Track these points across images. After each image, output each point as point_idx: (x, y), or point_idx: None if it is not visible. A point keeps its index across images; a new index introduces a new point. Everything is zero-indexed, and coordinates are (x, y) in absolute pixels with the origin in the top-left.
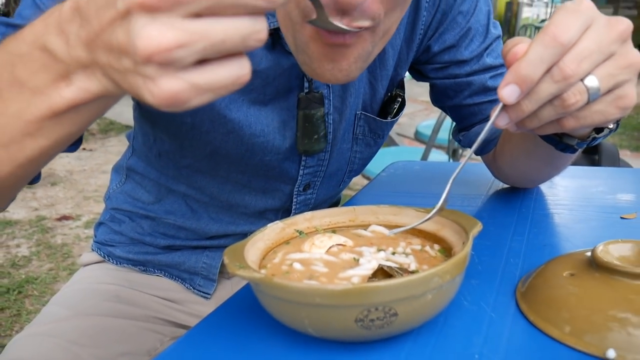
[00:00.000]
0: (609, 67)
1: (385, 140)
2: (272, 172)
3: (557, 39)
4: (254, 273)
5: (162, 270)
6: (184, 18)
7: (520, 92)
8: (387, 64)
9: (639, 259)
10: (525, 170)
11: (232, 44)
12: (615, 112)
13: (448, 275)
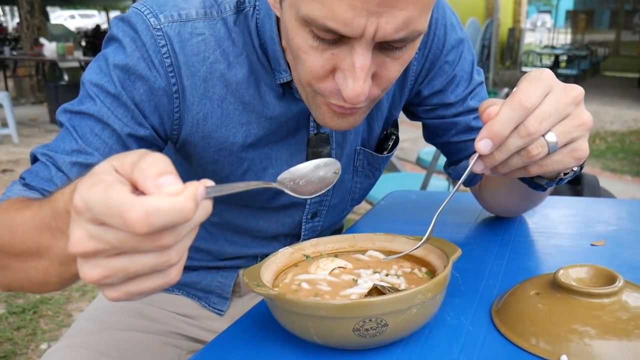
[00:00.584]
0: (565, 125)
1: (382, 171)
2: (283, 201)
3: (523, 103)
4: (269, 290)
5: (180, 289)
6: (105, 258)
7: (493, 145)
8: (382, 107)
9: (594, 281)
10: (505, 203)
11: (145, 271)
12: (572, 161)
13: (430, 293)
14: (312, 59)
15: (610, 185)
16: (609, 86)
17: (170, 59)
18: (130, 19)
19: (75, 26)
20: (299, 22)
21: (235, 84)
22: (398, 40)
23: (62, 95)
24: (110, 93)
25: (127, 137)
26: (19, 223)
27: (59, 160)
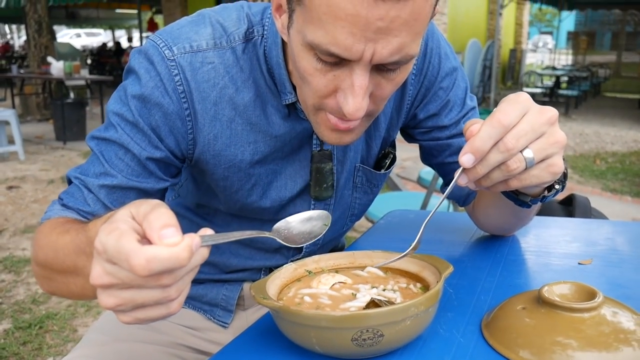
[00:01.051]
0: (541, 143)
1: (381, 188)
2: (290, 213)
3: (501, 121)
4: (275, 303)
5: (187, 303)
6: (118, 290)
7: (475, 159)
8: (380, 127)
9: (576, 297)
10: (496, 221)
11: (150, 303)
12: (548, 176)
13: (423, 306)
14: (317, 80)
15: (610, 206)
16: (609, 107)
17: (183, 86)
18: (147, 51)
19: (81, 44)
20: (304, 47)
21: (243, 106)
22: (392, 63)
23: (68, 112)
24: (129, 121)
25: (146, 160)
26: (60, 246)
27: (89, 183)
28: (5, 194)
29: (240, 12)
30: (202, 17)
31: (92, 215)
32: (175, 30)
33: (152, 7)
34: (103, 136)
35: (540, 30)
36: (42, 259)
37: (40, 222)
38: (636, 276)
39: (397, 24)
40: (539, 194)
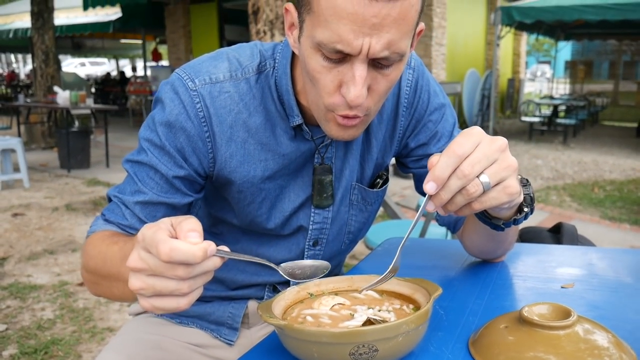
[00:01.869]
0: (494, 168)
1: (376, 211)
2: (292, 226)
3: (455, 151)
4: (280, 321)
5: (194, 322)
6: (144, 276)
7: (437, 186)
8: (372, 151)
9: (553, 316)
10: (478, 245)
11: (165, 293)
12: (505, 197)
13: (413, 324)
14: (324, 77)
15: (609, 234)
16: (607, 135)
17: (203, 112)
18: (173, 83)
19: (85, 73)
20: (313, 48)
21: (255, 129)
22: (384, 58)
23: (73, 141)
24: (158, 145)
25: (172, 179)
26: (109, 256)
27: (125, 200)
28: (11, 221)
29: (253, 49)
30: (220, 54)
31: (130, 227)
32: (197, 65)
33: (156, 37)
34: (136, 159)
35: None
36: (92, 267)
37: (87, 235)
38: (613, 299)
39: (388, 21)
40: (509, 218)
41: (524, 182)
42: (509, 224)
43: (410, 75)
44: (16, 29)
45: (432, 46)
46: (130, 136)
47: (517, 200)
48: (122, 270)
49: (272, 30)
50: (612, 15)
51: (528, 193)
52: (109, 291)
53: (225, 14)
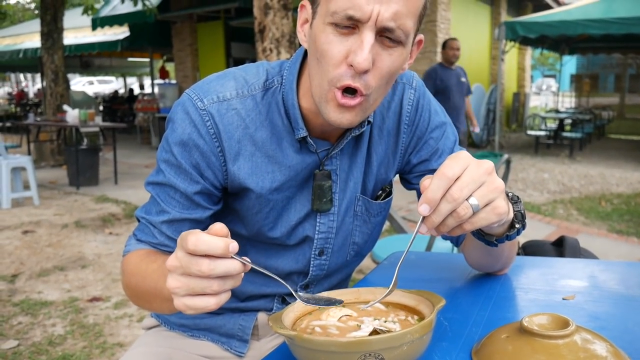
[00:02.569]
0: (482, 190)
1: (379, 220)
2: (298, 236)
3: (445, 174)
4: (290, 332)
5: (205, 335)
6: (179, 274)
7: (430, 208)
8: (372, 166)
9: (552, 326)
10: (477, 259)
11: (197, 291)
12: (494, 217)
13: (417, 333)
14: (333, 48)
15: (616, 247)
16: (614, 149)
17: (214, 129)
18: (184, 104)
19: (93, 91)
20: (325, 24)
21: (261, 143)
22: (390, 30)
23: (82, 158)
24: (174, 165)
25: (192, 194)
26: (148, 273)
27: (152, 220)
28: (21, 238)
29: (259, 67)
30: (227, 73)
31: (161, 245)
32: (206, 85)
33: (163, 55)
34: (156, 181)
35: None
36: (133, 284)
37: (123, 254)
38: (613, 310)
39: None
40: (502, 234)
41: (515, 200)
42: (502, 240)
43: (412, 94)
44: (26, 49)
45: (436, 61)
46: (138, 153)
47: (506, 219)
48: (159, 285)
49: (279, 48)
50: (616, 29)
51: (519, 210)
52: (149, 305)
53: (231, 32)
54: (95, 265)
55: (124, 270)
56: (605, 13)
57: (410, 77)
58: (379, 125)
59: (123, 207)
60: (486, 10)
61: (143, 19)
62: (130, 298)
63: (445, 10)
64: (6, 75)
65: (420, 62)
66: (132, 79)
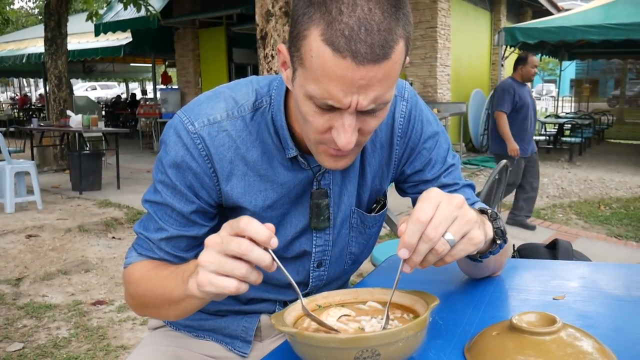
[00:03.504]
0: (456, 225)
1: (374, 231)
2: (295, 250)
3: (419, 219)
4: (292, 329)
5: (210, 336)
6: (216, 252)
7: (409, 252)
8: (367, 178)
9: (541, 324)
10: (465, 269)
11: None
12: (471, 247)
13: (412, 330)
14: (316, 121)
15: (616, 251)
16: (613, 153)
17: (205, 150)
18: (176, 127)
19: (95, 96)
20: (305, 97)
21: (253, 162)
22: (371, 110)
23: (85, 163)
24: (169, 186)
25: (188, 214)
26: (159, 279)
27: (150, 237)
28: (25, 242)
29: (249, 86)
30: (217, 94)
31: (162, 259)
32: (197, 107)
33: (165, 60)
34: (153, 199)
35: (543, 79)
36: (140, 293)
37: (125, 265)
38: (601, 309)
39: (374, 82)
40: (485, 251)
41: (494, 217)
42: (486, 256)
43: (403, 107)
44: (29, 54)
45: (437, 67)
46: (140, 158)
47: (484, 246)
48: (168, 290)
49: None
50: (615, 35)
51: (498, 227)
52: (156, 312)
53: (233, 38)
54: (98, 269)
55: (129, 281)
56: (604, 19)
57: (401, 88)
58: (371, 138)
59: (125, 211)
60: (486, 17)
61: (146, 24)
62: (135, 307)
63: (446, 16)
64: (9, 80)
65: (420, 68)
66: (134, 84)
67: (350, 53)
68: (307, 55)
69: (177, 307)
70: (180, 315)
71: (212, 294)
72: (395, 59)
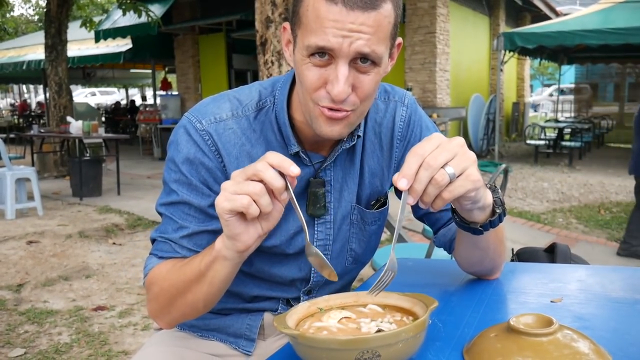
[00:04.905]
0: (457, 160)
1: (374, 229)
2: (298, 245)
3: (416, 152)
4: (294, 331)
5: (214, 335)
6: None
7: (407, 182)
8: (365, 177)
9: (538, 325)
10: (466, 256)
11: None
12: (470, 184)
13: (411, 332)
14: (311, 75)
15: (615, 255)
16: (613, 157)
17: (215, 146)
18: (185, 126)
19: (95, 102)
20: (304, 55)
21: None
22: (362, 57)
23: (85, 169)
24: (185, 182)
25: (206, 207)
26: (187, 266)
27: (171, 237)
28: (26, 248)
29: (252, 88)
30: (222, 96)
31: (184, 258)
32: (203, 107)
33: (165, 67)
34: (168, 201)
35: (543, 83)
36: (166, 287)
37: (145, 273)
38: (598, 311)
39: (364, 27)
40: (485, 220)
41: (493, 189)
42: (487, 227)
43: (403, 111)
44: (29, 61)
45: (436, 72)
46: (140, 164)
47: (482, 192)
48: (195, 270)
49: (280, 60)
50: (614, 39)
51: (497, 196)
52: (182, 301)
53: (232, 44)
54: (99, 275)
55: (153, 282)
56: (602, 24)
57: (402, 95)
58: (371, 140)
59: (126, 217)
60: (485, 22)
61: (146, 31)
62: (160, 310)
63: (444, 21)
64: (9, 87)
65: (420, 73)
66: (134, 90)
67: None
68: (305, 13)
69: (205, 281)
70: (208, 293)
71: (226, 210)
72: (384, 13)
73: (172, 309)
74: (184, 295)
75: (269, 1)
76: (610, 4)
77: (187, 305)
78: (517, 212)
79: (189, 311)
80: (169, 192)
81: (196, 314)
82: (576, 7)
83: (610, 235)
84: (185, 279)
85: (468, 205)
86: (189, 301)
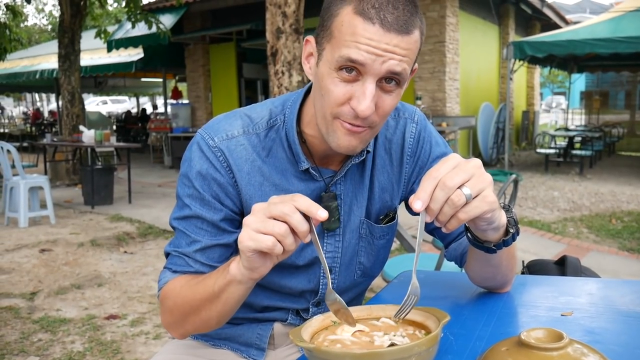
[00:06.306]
0: (473, 181)
1: (383, 243)
2: (308, 257)
3: (431, 174)
4: (310, 344)
5: (225, 345)
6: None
7: (422, 203)
8: (375, 192)
9: (548, 339)
10: (478, 271)
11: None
12: (485, 206)
13: (424, 346)
14: (337, 91)
15: (627, 265)
16: (624, 166)
17: (226, 162)
18: (198, 143)
19: (106, 110)
20: (332, 69)
21: (268, 173)
22: (390, 77)
23: (97, 178)
24: (197, 197)
25: (218, 222)
26: (201, 284)
27: (185, 251)
28: (38, 256)
29: (263, 106)
30: (234, 113)
31: (197, 272)
32: (215, 125)
33: (175, 75)
34: (181, 215)
35: (553, 91)
36: (180, 303)
37: (159, 287)
38: (608, 325)
39: (398, 49)
40: (498, 239)
41: (507, 208)
42: (500, 246)
43: (413, 128)
44: (42, 70)
45: (445, 81)
46: (151, 172)
47: (497, 214)
48: (208, 289)
49: (290, 70)
50: (624, 48)
51: (511, 216)
52: (197, 317)
53: (243, 53)
54: (111, 283)
55: (167, 296)
56: (612, 32)
57: (412, 112)
58: (382, 156)
59: (137, 225)
60: (494, 30)
61: (157, 41)
62: (174, 324)
63: (454, 30)
64: (22, 95)
65: (429, 82)
66: (145, 99)
67: (379, 20)
68: (338, 28)
69: (219, 301)
70: (221, 312)
71: (250, 249)
72: (414, 38)
73: (185, 323)
74: (197, 312)
75: (280, 12)
76: (620, 13)
77: (200, 321)
78: (527, 221)
79: (201, 326)
80: (182, 207)
81: (209, 329)
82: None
83: (621, 245)
84: (199, 298)
85: (483, 226)
86: (202, 318)
